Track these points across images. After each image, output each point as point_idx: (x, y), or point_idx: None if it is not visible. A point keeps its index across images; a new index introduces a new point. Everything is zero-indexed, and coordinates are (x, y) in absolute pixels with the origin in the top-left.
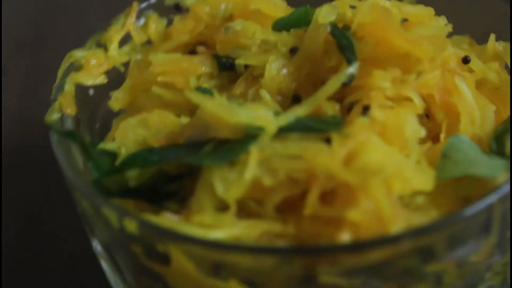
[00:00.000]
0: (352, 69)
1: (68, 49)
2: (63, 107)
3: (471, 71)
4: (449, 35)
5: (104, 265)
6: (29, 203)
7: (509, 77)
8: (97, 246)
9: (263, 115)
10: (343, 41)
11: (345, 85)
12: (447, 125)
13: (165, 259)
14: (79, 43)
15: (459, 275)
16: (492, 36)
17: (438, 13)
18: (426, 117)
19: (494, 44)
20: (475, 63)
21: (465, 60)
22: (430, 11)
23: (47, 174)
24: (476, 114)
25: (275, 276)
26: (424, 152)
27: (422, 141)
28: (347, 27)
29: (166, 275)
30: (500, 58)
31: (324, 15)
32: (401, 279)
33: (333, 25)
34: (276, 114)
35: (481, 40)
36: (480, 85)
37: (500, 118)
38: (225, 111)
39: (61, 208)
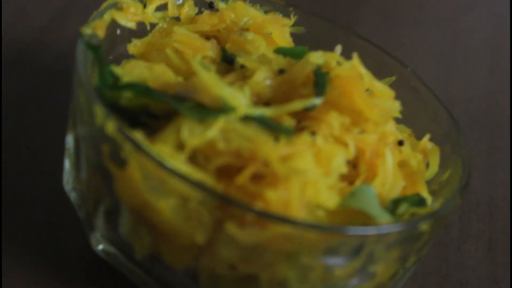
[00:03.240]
0: (317, 101)
1: None
2: (96, 28)
3: (400, 152)
4: (399, 122)
5: (66, 162)
6: None
7: (425, 169)
8: (70, 140)
9: (239, 98)
10: (320, 80)
11: (306, 109)
12: (365, 178)
13: (122, 164)
14: None
15: (322, 278)
16: (427, 136)
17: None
18: (353, 166)
19: (425, 142)
20: (405, 147)
21: (400, 142)
22: (391, 92)
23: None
24: (388, 180)
25: (195, 212)
26: (339, 187)
27: (342, 180)
28: (327, 73)
29: (117, 178)
30: (426, 154)
31: (315, 57)
32: (277, 261)
33: (318, 67)
34: (249, 104)
35: (419, 136)
36: (403, 165)
37: (404, 194)
38: (214, 83)
39: None
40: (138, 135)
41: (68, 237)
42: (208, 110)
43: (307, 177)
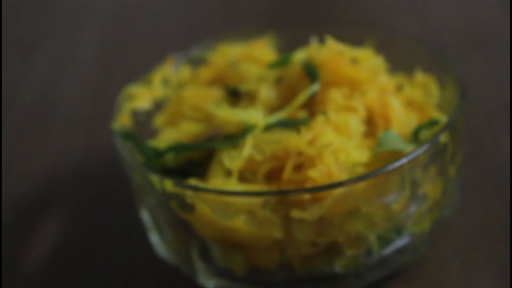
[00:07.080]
0: (315, 87)
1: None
2: (122, 120)
3: (403, 94)
4: (392, 71)
5: (151, 236)
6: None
7: (429, 98)
8: (144, 215)
9: (255, 115)
10: (310, 70)
11: (311, 97)
12: (383, 127)
13: (191, 209)
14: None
15: (386, 218)
16: (418, 69)
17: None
18: (370, 123)
19: (418, 76)
20: (406, 89)
21: (400, 87)
22: (370, 51)
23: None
24: (402, 120)
25: (264, 216)
26: (367, 144)
27: (367, 138)
28: (313, 63)
29: (192, 222)
30: (424, 85)
31: (297, 56)
32: (344, 222)
33: (304, 62)
34: (264, 116)
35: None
36: (410, 104)
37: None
38: (230, 114)
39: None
40: (193, 180)
41: None
42: (236, 136)
43: (335, 146)
